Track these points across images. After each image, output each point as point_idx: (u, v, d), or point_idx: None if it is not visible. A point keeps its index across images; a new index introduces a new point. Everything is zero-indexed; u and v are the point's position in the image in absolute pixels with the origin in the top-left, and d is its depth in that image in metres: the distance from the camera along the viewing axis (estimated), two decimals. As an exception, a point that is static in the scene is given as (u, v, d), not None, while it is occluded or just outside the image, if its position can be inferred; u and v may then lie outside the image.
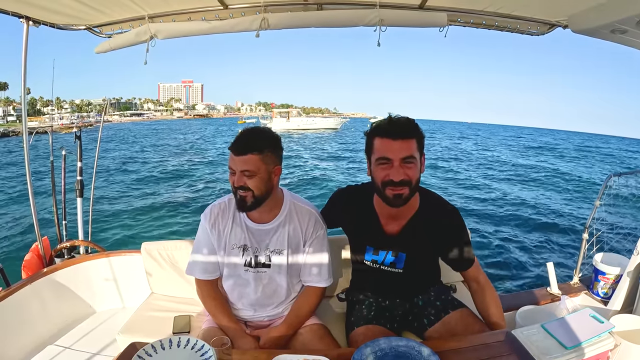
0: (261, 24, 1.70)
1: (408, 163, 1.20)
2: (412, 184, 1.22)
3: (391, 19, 1.70)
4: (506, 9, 1.82)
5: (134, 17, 1.91)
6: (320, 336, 1.37)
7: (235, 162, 1.24)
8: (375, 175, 1.25)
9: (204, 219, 1.40)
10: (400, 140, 1.19)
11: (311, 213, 1.42)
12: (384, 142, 1.20)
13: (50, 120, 45.71)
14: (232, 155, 1.25)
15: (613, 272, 2.11)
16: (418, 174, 1.25)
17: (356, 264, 1.53)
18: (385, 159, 1.20)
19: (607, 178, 2.22)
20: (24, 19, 1.79)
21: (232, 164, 1.26)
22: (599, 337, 1.64)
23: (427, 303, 1.46)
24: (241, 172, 1.24)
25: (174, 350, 1.08)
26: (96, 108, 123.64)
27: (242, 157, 1.23)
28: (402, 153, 1.19)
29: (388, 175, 1.21)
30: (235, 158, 1.24)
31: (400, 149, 1.19)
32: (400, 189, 1.21)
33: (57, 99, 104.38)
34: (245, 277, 1.40)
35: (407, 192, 1.23)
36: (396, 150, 1.19)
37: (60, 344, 1.82)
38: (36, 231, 2.05)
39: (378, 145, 1.22)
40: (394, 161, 1.19)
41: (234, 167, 1.25)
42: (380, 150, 1.21)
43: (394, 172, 1.19)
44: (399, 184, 1.20)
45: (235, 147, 1.24)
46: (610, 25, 1.61)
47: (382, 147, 1.21)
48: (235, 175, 1.25)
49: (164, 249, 1.86)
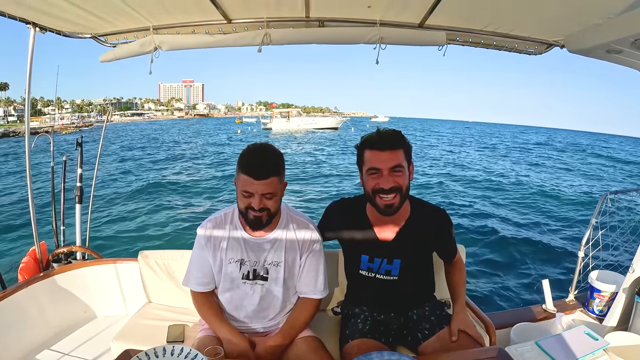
0: (264, 39, 1.74)
1: (397, 172, 1.28)
2: (402, 191, 1.29)
3: (391, 37, 1.74)
4: (504, 28, 1.86)
5: (139, 27, 1.94)
6: (314, 349, 1.37)
7: (255, 186, 1.21)
8: (366, 185, 1.33)
9: (199, 233, 1.41)
10: (388, 150, 1.27)
11: (307, 225, 1.44)
12: (373, 154, 1.28)
13: (52, 120, 45.40)
14: (249, 179, 1.21)
15: (609, 290, 2.12)
16: (407, 181, 1.31)
17: (351, 275, 1.56)
18: (375, 169, 1.28)
19: (603, 196, 2.24)
20: (31, 25, 1.82)
21: (249, 188, 1.21)
22: (593, 354, 1.64)
23: (422, 317, 1.48)
24: (262, 195, 1.23)
25: (168, 359, 1.08)
26: (97, 108, 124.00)
27: (264, 182, 1.21)
28: (390, 163, 1.27)
29: (378, 184, 1.28)
30: (256, 182, 1.20)
31: (389, 159, 1.27)
32: (390, 198, 1.28)
33: (57, 99, 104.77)
34: (242, 289, 1.41)
35: (398, 201, 1.29)
36: (384, 161, 1.27)
37: (55, 349, 1.82)
38: (34, 235, 2.06)
39: (368, 157, 1.30)
40: (383, 170, 1.27)
41: (252, 190, 1.22)
42: (370, 161, 1.29)
43: (384, 180, 1.27)
44: (388, 191, 1.27)
45: (255, 172, 1.20)
46: (605, 45, 1.64)
47: (372, 158, 1.29)
48: (253, 198, 1.23)
49: (161, 258, 1.87)
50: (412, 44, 1.79)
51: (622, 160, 28.20)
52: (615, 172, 20.98)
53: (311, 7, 1.70)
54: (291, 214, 1.45)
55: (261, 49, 1.74)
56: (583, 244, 2.23)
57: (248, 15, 1.81)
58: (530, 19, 1.72)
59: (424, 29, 1.79)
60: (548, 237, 7.25)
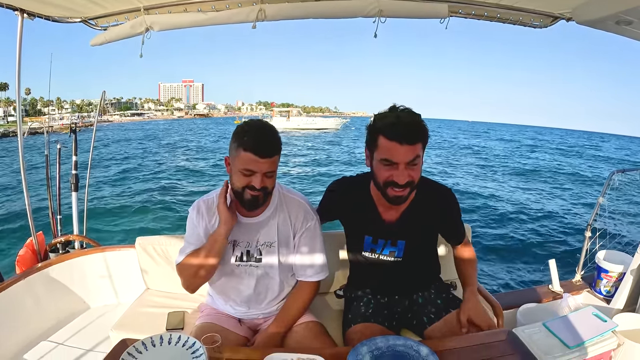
0: (258, 15, 1.67)
1: (413, 165, 1.18)
2: (414, 184, 1.22)
3: (391, 10, 1.67)
4: (508, 0, 1.78)
5: (129, 9, 1.87)
6: (315, 334, 1.33)
7: (259, 164, 1.16)
8: (377, 174, 1.23)
9: (191, 214, 1.36)
10: (407, 145, 1.15)
11: (300, 203, 1.38)
12: (391, 145, 1.16)
13: (50, 120, 45.64)
14: (254, 157, 1.15)
15: (616, 270, 2.08)
16: (420, 172, 1.23)
17: (354, 257, 1.51)
18: (390, 161, 1.17)
19: (610, 174, 2.19)
20: (18, 12, 1.76)
21: (252, 166, 1.16)
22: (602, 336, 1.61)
23: (428, 301, 1.44)
24: (265, 173, 1.18)
25: (165, 347, 1.04)
26: (96, 108, 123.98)
27: (268, 160, 1.17)
28: (408, 157, 1.16)
29: (392, 177, 1.18)
30: (261, 160, 1.15)
31: (407, 153, 1.16)
32: (401, 190, 1.20)
33: (57, 99, 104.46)
34: (237, 272, 1.37)
35: (407, 193, 1.22)
36: (402, 155, 1.16)
37: (54, 340, 1.80)
38: (30, 226, 2.03)
39: (384, 146, 1.18)
40: (400, 164, 1.17)
41: (255, 169, 1.16)
42: (386, 152, 1.17)
43: (399, 175, 1.17)
44: (402, 185, 1.19)
45: (261, 150, 1.15)
46: (615, 16, 1.57)
47: (388, 150, 1.17)
48: (254, 176, 1.18)
49: (159, 244, 1.84)
50: (413, 16, 1.72)
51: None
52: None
53: (307, -20, 1.63)
54: (284, 192, 1.39)
55: (256, 25, 1.67)
56: (590, 223, 2.19)
57: (241, -9, 1.74)
58: (536, -11, 1.65)
59: (425, 0, 1.72)
60: (555, 217, 7.21)
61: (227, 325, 1.39)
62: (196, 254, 1.28)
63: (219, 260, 1.28)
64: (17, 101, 1.96)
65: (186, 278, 1.31)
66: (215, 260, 1.27)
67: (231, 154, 1.23)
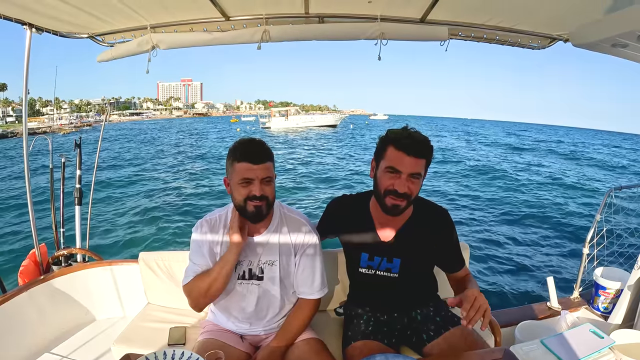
0: (262, 36, 1.71)
1: (414, 179, 1.25)
2: (411, 198, 1.28)
3: (392, 33, 1.71)
4: (507, 22, 1.83)
5: (136, 26, 1.92)
6: (316, 351, 1.35)
7: (255, 171, 1.22)
8: (380, 181, 1.30)
9: (194, 234, 1.39)
10: (413, 157, 1.23)
11: (301, 223, 1.41)
12: (398, 155, 1.24)
13: (50, 121, 44.93)
14: (248, 165, 1.22)
15: (614, 287, 2.10)
16: (419, 189, 1.29)
17: (353, 274, 1.53)
18: (395, 169, 1.24)
19: (608, 192, 2.22)
20: (27, 26, 1.80)
21: (249, 174, 1.22)
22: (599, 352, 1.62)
23: (426, 318, 1.46)
24: (261, 180, 1.24)
25: (168, 363, 1.07)
26: (95, 108, 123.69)
27: (262, 165, 1.24)
28: (411, 169, 1.24)
29: (393, 185, 1.25)
30: (255, 167, 1.22)
31: (411, 165, 1.23)
32: (399, 200, 1.26)
33: (56, 99, 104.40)
34: (239, 290, 1.39)
35: (404, 205, 1.28)
36: (407, 165, 1.23)
37: (56, 352, 1.81)
38: (34, 238, 2.04)
39: (391, 155, 1.26)
40: (403, 174, 1.24)
41: (252, 176, 1.22)
42: (392, 161, 1.25)
43: (400, 183, 1.24)
44: (401, 195, 1.25)
45: (253, 157, 1.23)
46: (611, 39, 1.61)
47: (394, 159, 1.25)
48: (253, 184, 1.23)
49: (162, 260, 1.86)
50: (414, 39, 1.76)
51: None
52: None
53: (310, 3, 1.67)
54: (284, 211, 1.42)
55: (260, 46, 1.71)
56: (587, 240, 2.21)
57: (246, 12, 1.78)
58: (534, 13, 1.69)
59: (426, 23, 1.76)
60: (552, 234, 7.22)
61: (229, 341, 1.40)
62: (204, 277, 1.31)
63: (227, 283, 1.32)
64: (23, 116, 1.99)
65: (194, 299, 1.34)
66: (223, 283, 1.30)
67: (228, 172, 1.29)
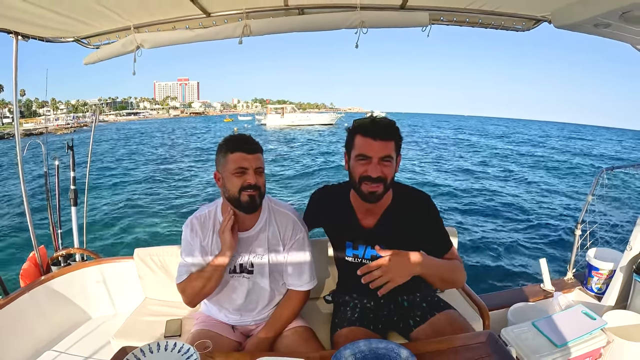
0: (244, 30, 1.72)
1: (385, 162, 1.26)
2: (386, 182, 1.28)
3: (372, 21, 1.71)
4: (489, 5, 1.81)
5: (119, 28, 1.93)
6: (305, 339, 1.38)
7: (249, 160, 1.27)
8: (353, 170, 1.31)
9: (185, 232, 1.42)
10: (380, 140, 1.25)
11: (289, 216, 1.44)
12: (365, 141, 1.26)
13: (46, 121, 44.63)
14: (242, 154, 1.27)
15: (607, 268, 2.10)
16: (393, 172, 1.31)
17: (339, 262, 1.56)
18: (365, 156, 1.26)
19: (599, 172, 2.20)
20: (12, 34, 1.83)
21: (244, 163, 1.27)
22: (590, 334, 1.63)
23: (413, 304, 1.47)
24: (255, 169, 1.28)
25: (162, 354, 1.11)
26: (91, 108, 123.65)
27: (255, 155, 1.29)
28: (381, 152, 1.25)
29: (366, 171, 1.26)
30: (249, 156, 1.27)
31: (380, 149, 1.25)
32: (375, 186, 1.27)
33: (52, 100, 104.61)
34: (230, 283, 1.42)
35: (381, 189, 1.29)
36: (376, 149, 1.25)
37: (57, 350, 1.86)
38: (33, 240, 2.09)
39: (359, 143, 1.28)
40: (373, 159, 1.25)
41: (247, 165, 1.27)
42: (361, 148, 1.27)
43: (372, 168, 1.25)
44: (375, 180, 1.26)
45: (247, 147, 1.28)
46: (593, 19, 1.59)
47: (363, 145, 1.26)
48: (247, 174, 1.27)
49: (156, 255, 1.90)
50: (394, 26, 1.76)
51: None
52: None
53: (289, -5, 1.68)
54: (273, 204, 1.45)
55: (242, 40, 1.72)
56: (580, 221, 2.21)
57: (227, 7, 1.79)
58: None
59: (406, 10, 1.75)
60: (544, 215, 7.17)
61: (220, 332, 1.45)
62: (197, 277, 1.36)
63: (220, 282, 1.37)
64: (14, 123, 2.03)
65: (188, 296, 1.39)
66: (216, 283, 1.35)
67: (220, 165, 1.32)
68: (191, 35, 1.82)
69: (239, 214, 1.33)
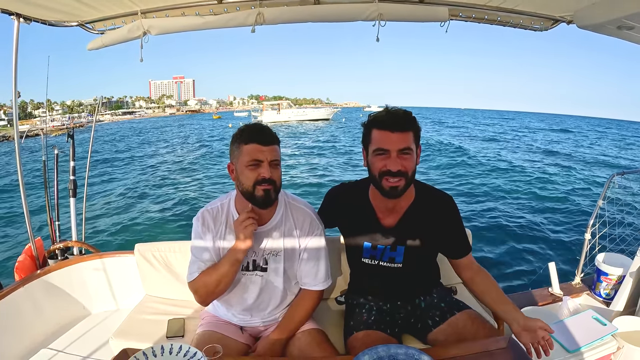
0: (257, 18, 1.65)
1: (405, 154, 1.22)
2: (408, 175, 1.23)
3: (391, 14, 1.66)
4: (509, 3, 1.77)
5: (126, 12, 1.85)
6: (318, 342, 1.33)
7: (264, 152, 1.20)
8: (372, 166, 1.26)
9: (196, 225, 1.35)
10: (398, 132, 1.20)
11: (306, 212, 1.38)
12: (383, 134, 1.22)
13: (42, 122, 44.74)
14: (257, 146, 1.20)
15: (615, 273, 2.09)
16: (414, 165, 1.25)
17: (354, 264, 1.50)
18: (383, 150, 1.22)
19: (610, 177, 2.19)
20: (14, 16, 1.74)
21: (259, 156, 1.20)
22: (601, 339, 1.61)
23: (431, 305, 1.43)
24: (270, 162, 1.21)
25: (167, 357, 1.04)
26: (87, 108, 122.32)
27: (271, 147, 1.22)
28: (399, 145, 1.20)
29: (386, 166, 1.21)
30: (265, 148, 1.20)
31: (398, 141, 1.20)
32: (396, 181, 1.22)
33: (47, 101, 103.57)
34: (242, 281, 1.36)
35: (403, 184, 1.23)
36: (394, 142, 1.20)
37: (54, 347, 1.79)
38: (29, 232, 2.01)
39: (376, 137, 1.23)
40: (392, 152, 1.21)
41: (262, 157, 1.20)
42: (379, 142, 1.22)
43: (392, 162, 1.21)
44: (396, 174, 1.21)
45: (262, 138, 1.21)
46: (617, 21, 1.56)
47: (380, 139, 1.22)
48: (262, 167, 1.20)
49: (158, 250, 1.83)
50: (413, 20, 1.71)
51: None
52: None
53: (306, -16, 1.62)
54: (289, 200, 1.39)
55: (254, 29, 1.66)
56: (589, 226, 2.19)
57: (239, -7, 1.73)
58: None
59: (426, 4, 1.71)
60: (554, 219, 7.21)
61: (228, 333, 1.38)
62: (211, 274, 1.28)
63: (234, 279, 1.30)
64: (14, 109, 1.94)
65: (201, 295, 1.32)
66: (231, 280, 1.29)
67: (234, 156, 1.25)
68: (201, 22, 1.75)
69: (254, 208, 1.27)
